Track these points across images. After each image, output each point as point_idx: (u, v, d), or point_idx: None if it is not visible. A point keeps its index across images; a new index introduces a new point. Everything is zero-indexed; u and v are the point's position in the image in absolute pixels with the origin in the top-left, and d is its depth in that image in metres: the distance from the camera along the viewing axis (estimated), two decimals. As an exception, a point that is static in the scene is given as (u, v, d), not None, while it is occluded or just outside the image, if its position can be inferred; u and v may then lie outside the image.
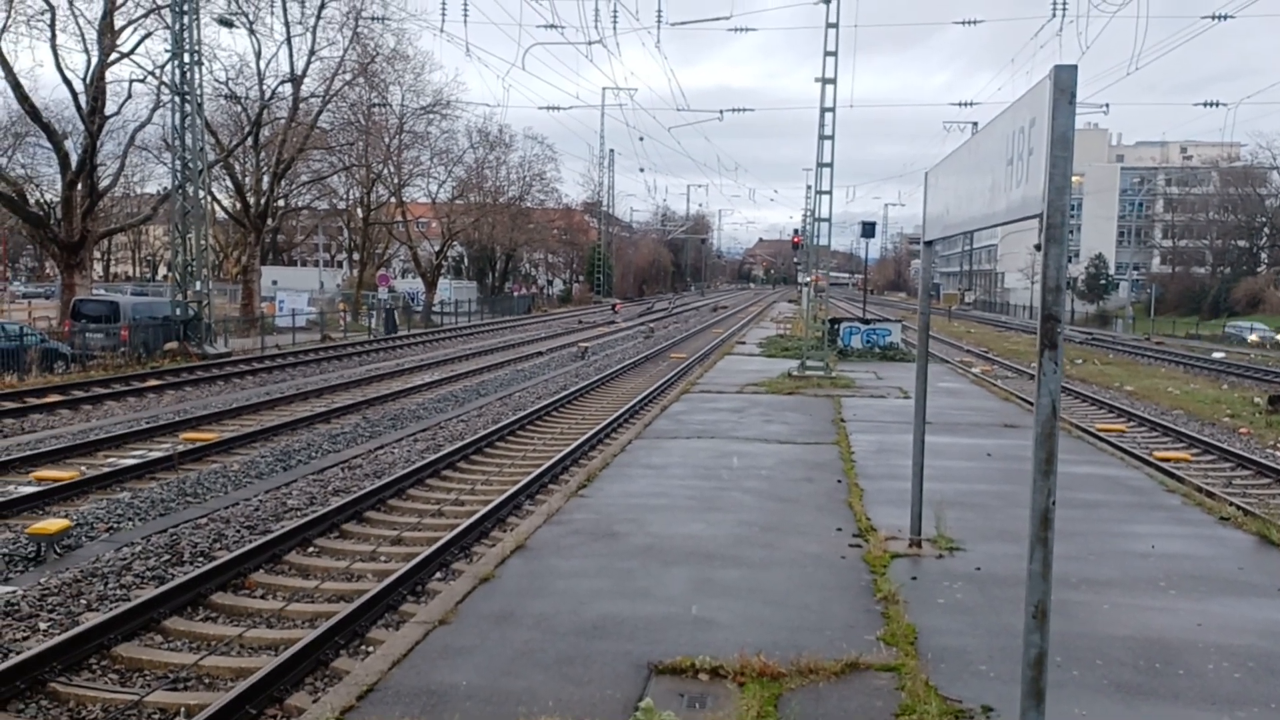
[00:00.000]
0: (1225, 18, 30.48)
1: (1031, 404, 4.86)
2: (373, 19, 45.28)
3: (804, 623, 6.99)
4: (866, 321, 35.06)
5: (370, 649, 7.90)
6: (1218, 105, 42.28)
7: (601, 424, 18.91)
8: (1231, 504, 12.15)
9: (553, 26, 30.83)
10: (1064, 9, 29.58)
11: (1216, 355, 44.48)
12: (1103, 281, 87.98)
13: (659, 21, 31.53)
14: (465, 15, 32.68)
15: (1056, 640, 5.19)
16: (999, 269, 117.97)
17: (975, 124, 49.17)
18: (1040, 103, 4.64)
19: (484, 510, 12.00)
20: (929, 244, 8.79)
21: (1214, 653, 6.49)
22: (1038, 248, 4.59)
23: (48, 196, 49.17)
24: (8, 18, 33.16)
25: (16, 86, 33.36)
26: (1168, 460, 16.93)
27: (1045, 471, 4.49)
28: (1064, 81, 4.41)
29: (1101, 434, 19.15)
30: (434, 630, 6.78)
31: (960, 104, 72.18)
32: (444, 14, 45.98)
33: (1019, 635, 4.69)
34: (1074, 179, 4.41)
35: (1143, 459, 16.01)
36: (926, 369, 8.95)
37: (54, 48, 34.27)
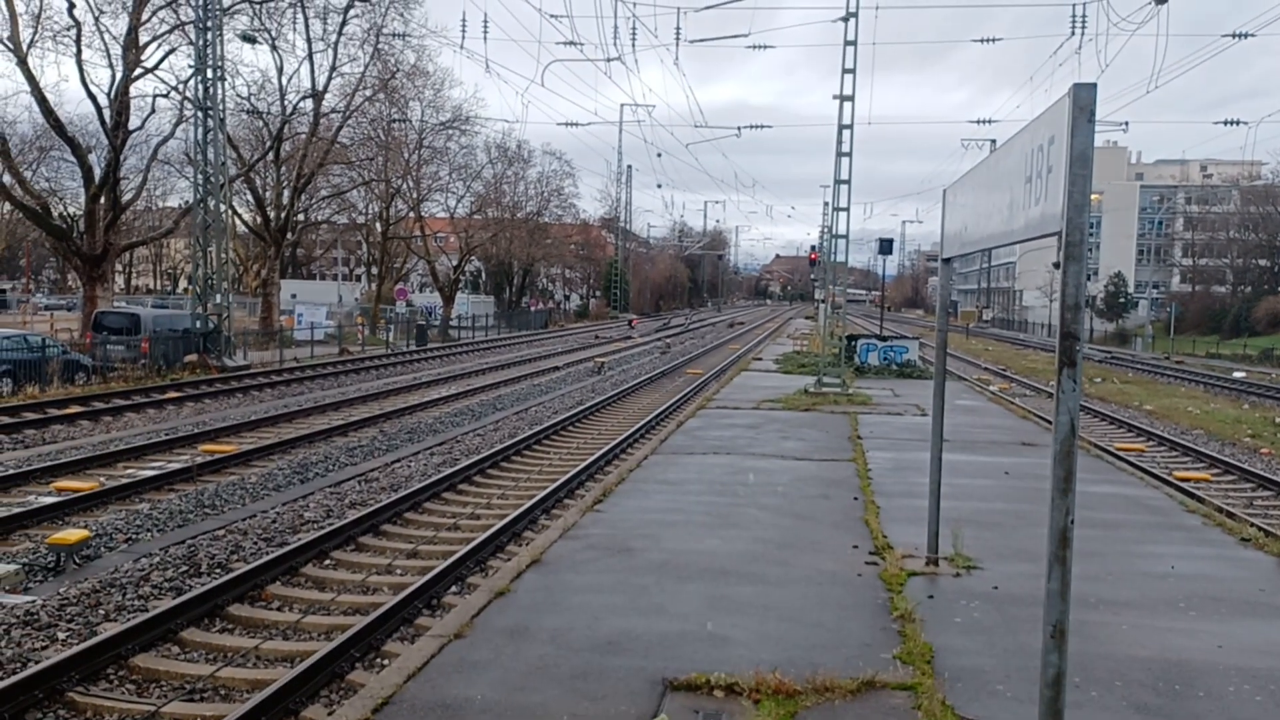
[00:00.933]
0: (1246, 36, 30.39)
1: (1050, 422, 4.85)
2: (394, 36, 45.71)
3: (820, 640, 6.96)
4: (884, 338, 34.97)
5: (386, 662, 7.92)
6: (1238, 124, 41.97)
7: (617, 439, 18.91)
8: (1253, 525, 12.03)
9: (572, 44, 31.04)
10: (1083, 27, 29.53)
11: (1237, 375, 44.13)
12: (1122, 300, 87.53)
13: (677, 39, 31.68)
14: (485, 32, 32.94)
15: (1074, 661, 5.16)
16: (1017, 286, 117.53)
17: (993, 141, 49.13)
18: (1059, 121, 4.64)
19: (500, 524, 12.01)
20: (947, 261, 8.78)
21: (1235, 675, 6.42)
22: (1056, 265, 4.59)
23: (71, 210, 49.71)
24: (35, 33, 33.63)
25: (42, 101, 33.78)
26: (1188, 480, 16.79)
27: (1064, 490, 4.47)
28: (1083, 100, 4.42)
29: (1121, 453, 19.02)
30: (449, 644, 6.78)
31: (978, 121, 72.09)
32: (464, 31, 46.40)
33: (1037, 655, 4.66)
34: (1093, 197, 4.42)
35: (1162, 479, 15.89)
36: (944, 386, 8.92)
37: (79, 63, 34.72)
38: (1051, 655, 4.52)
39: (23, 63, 32.87)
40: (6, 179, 36.22)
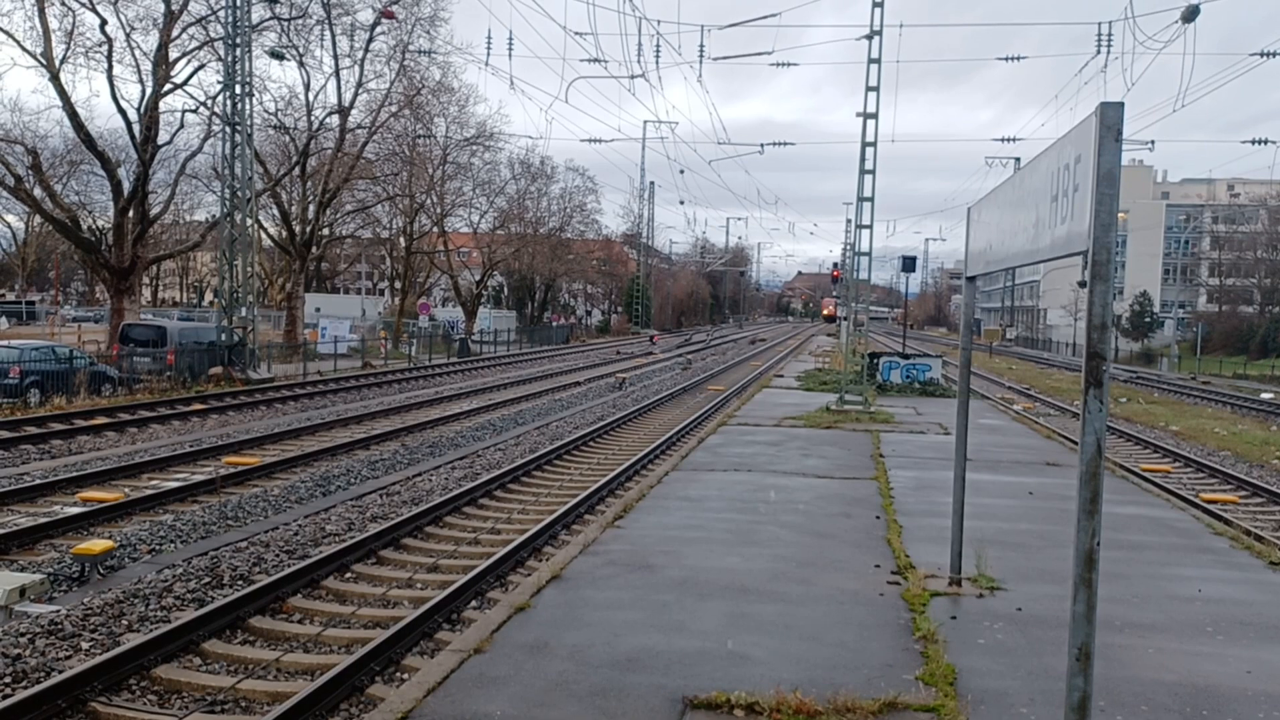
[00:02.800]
0: (1275, 55, 30.15)
1: (1074, 442, 4.82)
2: (419, 52, 46.04)
3: (841, 660, 6.91)
4: (906, 356, 34.80)
5: (405, 676, 7.93)
6: (1266, 143, 41.55)
7: (638, 455, 18.89)
8: (1282, 548, 11.86)
9: (596, 61, 31.18)
10: (1109, 45, 29.39)
11: (1265, 396, 43.61)
12: (1147, 319, 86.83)
13: (701, 56, 31.77)
14: (510, 49, 33.15)
15: (1100, 684, 5.10)
16: (1041, 305, 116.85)
17: (1018, 159, 48.95)
18: (1086, 139, 4.62)
19: (520, 539, 12.01)
20: (971, 279, 8.74)
21: (1264, 702, 6.32)
22: (1082, 284, 4.57)
23: (100, 223, 50.23)
24: (67, 49, 34.13)
25: (73, 116, 34.25)
26: (1215, 502, 16.59)
27: (1090, 511, 4.43)
28: (1110, 119, 4.40)
29: (1146, 474, 18.82)
30: (469, 659, 6.78)
31: (1003, 139, 71.75)
32: (489, 48, 46.77)
33: (1061, 678, 4.61)
34: (1119, 215, 4.36)
35: (1189, 500, 15.71)
36: (968, 405, 8.87)
37: (110, 79, 35.17)
38: (1076, 679, 4.47)
39: (55, 78, 33.36)
40: (38, 192, 36.70)
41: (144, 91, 35.76)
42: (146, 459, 17.31)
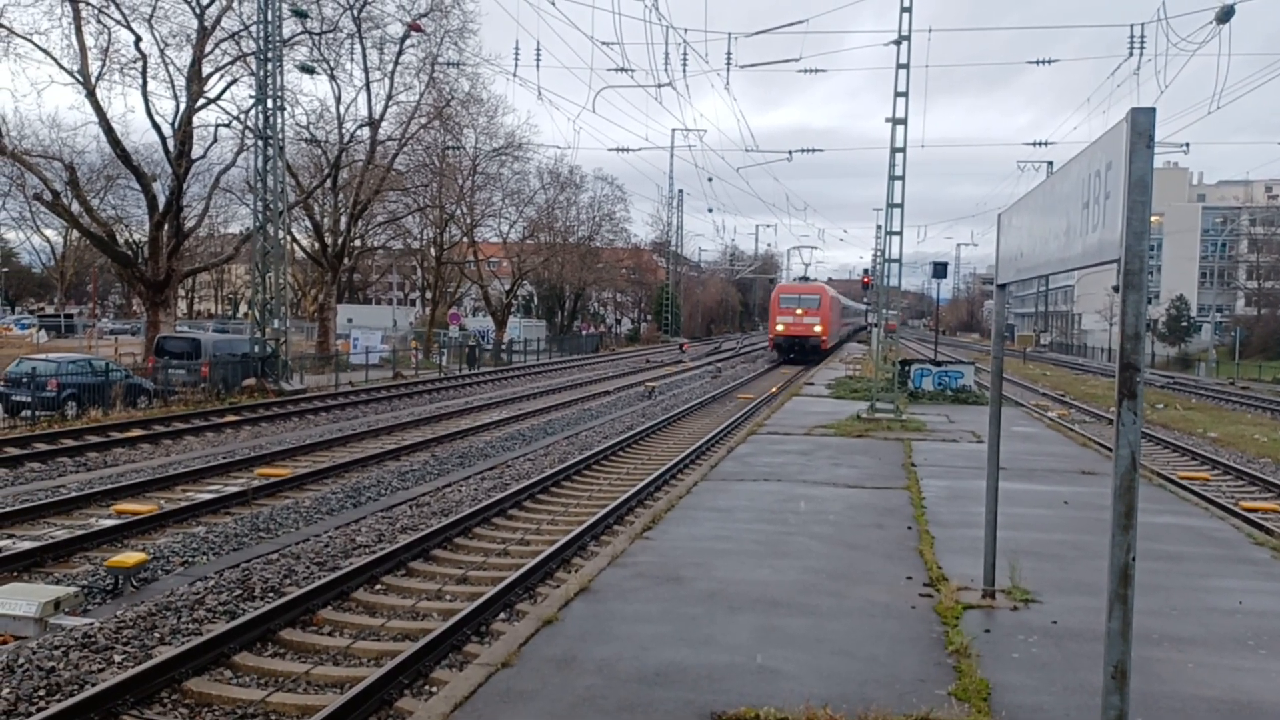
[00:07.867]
0: (1312, 54, 29.61)
1: (1110, 450, 4.68)
2: (448, 64, 46.33)
3: (872, 675, 6.82)
4: (938, 363, 34.50)
5: (433, 690, 7.92)
6: (1305, 143, 40.93)
7: (667, 465, 18.83)
8: (1325, 558, 11.59)
9: (623, 70, 31.20)
10: (1142, 48, 29.00)
11: (1307, 401, 42.80)
12: (1184, 324, 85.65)
13: (728, 64, 31.74)
14: (538, 60, 33.29)
15: (1137, 700, 4.98)
16: (1076, 310, 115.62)
17: (1050, 164, 48.46)
18: (1117, 146, 4.54)
19: (548, 551, 11.99)
20: (1002, 287, 8.63)
21: (1308, 718, 6.16)
22: (1116, 289, 4.48)
23: (136, 236, 50.87)
24: (103, 66, 34.64)
25: (109, 131, 34.75)
26: (1255, 511, 16.29)
27: (1125, 526, 4.34)
28: (1141, 124, 4.31)
29: (1184, 482, 18.51)
30: (496, 673, 6.75)
31: (1035, 144, 71.02)
32: (517, 59, 46.97)
33: (1098, 693, 4.51)
34: (1153, 219, 4.28)
35: (1228, 509, 15.42)
36: (1000, 413, 8.75)
37: (145, 94, 35.65)
38: (1113, 696, 4.37)
39: (91, 95, 33.87)
40: (75, 207, 37.29)
41: (178, 106, 36.25)
42: (180, 471, 17.48)
